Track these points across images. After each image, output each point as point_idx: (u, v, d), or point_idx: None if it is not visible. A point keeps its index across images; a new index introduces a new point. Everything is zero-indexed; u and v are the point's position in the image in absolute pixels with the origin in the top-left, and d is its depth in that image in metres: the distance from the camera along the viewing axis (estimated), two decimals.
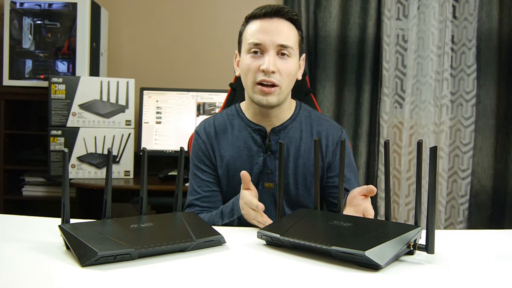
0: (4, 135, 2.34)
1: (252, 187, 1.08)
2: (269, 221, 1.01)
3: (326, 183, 1.27)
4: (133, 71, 2.60)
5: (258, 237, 0.89)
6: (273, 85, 1.16)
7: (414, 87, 2.56)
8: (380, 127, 2.53)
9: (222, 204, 1.24)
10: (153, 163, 2.12)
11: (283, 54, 1.16)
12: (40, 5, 2.31)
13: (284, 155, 1.23)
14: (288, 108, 1.28)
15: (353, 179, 1.28)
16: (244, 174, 1.06)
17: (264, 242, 0.90)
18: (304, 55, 1.27)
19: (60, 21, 2.31)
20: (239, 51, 1.25)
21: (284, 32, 1.16)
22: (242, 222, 1.09)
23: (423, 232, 0.81)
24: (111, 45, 2.60)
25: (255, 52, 1.17)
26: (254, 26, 1.18)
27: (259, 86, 1.16)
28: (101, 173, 2.24)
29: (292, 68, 1.18)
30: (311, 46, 2.53)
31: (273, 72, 1.14)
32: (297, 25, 1.21)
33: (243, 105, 1.31)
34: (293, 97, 1.34)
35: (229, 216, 1.13)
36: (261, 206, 1.01)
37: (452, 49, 2.54)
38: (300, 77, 1.26)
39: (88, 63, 2.31)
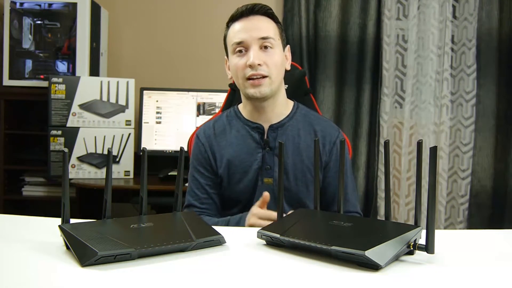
0: (4, 135, 2.34)
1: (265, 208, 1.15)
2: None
3: (321, 183, 1.29)
4: (133, 71, 2.60)
5: (258, 237, 0.89)
6: (263, 77, 1.20)
7: (414, 87, 2.56)
8: (380, 127, 2.53)
9: (220, 205, 1.30)
10: (153, 163, 2.11)
11: (266, 47, 1.21)
12: (40, 5, 2.31)
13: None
14: (285, 105, 1.31)
15: (349, 185, 1.30)
16: (265, 194, 1.13)
17: (264, 242, 0.90)
18: (288, 46, 1.32)
19: (60, 21, 2.31)
20: (227, 55, 1.30)
21: (263, 26, 1.22)
22: None
23: (423, 232, 0.81)
24: (111, 45, 2.60)
25: (240, 51, 1.22)
26: (234, 28, 1.25)
27: (250, 81, 1.21)
28: (101, 173, 2.24)
29: (277, 58, 1.23)
30: (311, 46, 2.53)
31: (259, 65, 1.19)
32: (274, 18, 1.26)
33: (240, 106, 1.35)
34: (292, 97, 1.37)
35: (238, 219, 1.18)
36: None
37: (452, 49, 2.54)
38: (288, 68, 1.31)
39: (88, 63, 2.31)
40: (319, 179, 0.98)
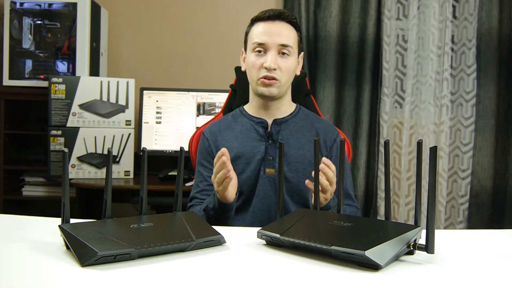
0: (4, 135, 2.33)
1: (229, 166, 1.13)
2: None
3: None
4: (133, 71, 2.60)
5: (258, 237, 0.90)
6: (274, 79, 1.28)
7: (414, 87, 2.56)
8: (380, 127, 2.53)
9: None
10: (153, 163, 2.12)
11: (283, 53, 1.29)
12: (40, 5, 2.31)
13: (284, 144, 1.27)
14: (289, 105, 1.38)
15: (348, 181, 1.34)
16: (222, 150, 1.12)
17: (264, 242, 0.90)
18: (302, 53, 1.39)
19: (60, 21, 2.31)
20: (245, 49, 1.37)
21: (285, 33, 1.29)
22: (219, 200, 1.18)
23: (423, 232, 0.81)
24: (111, 45, 2.60)
25: (259, 51, 1.29)
26: (258, 28, 1.31)
27: (262, 79, 1.28)
28: (101, 173, 2.24)
29: (291, 65, 1.31)
30: (311, 46, 2.53)
31: (274, 69, 1.27)
32: (296, 27, 1.34)
33: (246, 106, 1.41)
34: (293, 98, 1.41)
35: (212, 196, 1.21)
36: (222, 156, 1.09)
37: (452, 49, 2.54)
38: (298, 73, 1.39)
39: (88, 63, 2.31)
40: (319, 180, 0.97)
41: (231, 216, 1.22)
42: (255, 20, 1.34)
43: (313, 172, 0.98)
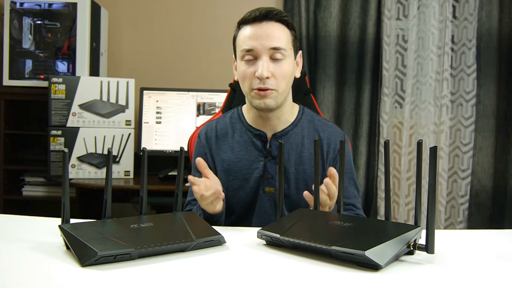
0: (4, 135, 2.33)
1: (211, 175, 1.09)
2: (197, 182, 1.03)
3: None
4: (133, 71, 2.60)
5: (258, 237, 0.90)
6: (269, 89, 1.16)
7: (414, 87, 2.56)
8: (380, 127, 2.53)
9: None
10: (153, 163, 2.12)
11: (276, 57, 1.15)
12: (40, 5, 2.31)
13: (285, 160, 1.23)
14: (290, 111, 1.27)
15: (351, 187, 1.27)
16: (198, 160, 1.07)
17: (264, 242, 0.90)
18: (300, 52, 1.26)
19: (60, 21, 2.31)
20: (235, 56, 1.25)
21: (275, 35, 1.15)
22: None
23: (423, 232, 0.81)
24: (111, 45, 2.60)
25: (249, 59, 1.16)
26: (245, 32, 1.18)
27: (256, 91, 1.16)
28: (101, 173, 2.24)
29: (287, 70, 1.17)
30: (311, 46, 2.53)
31: (267, 77, 1.14)
32: (288, 25, 1.19)
33: (244, 108, 1.31)
34: (293, 97, 1.34)
35: (197, 208, 1.17)
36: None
37: (452, 49, 2.54)
38: (298, 75, 1.26)
39: (88, 63, 2.30)
40: (319, 179, 0.97)
41: (221, 222, 1.16)
42: (241, 23, 1.20)
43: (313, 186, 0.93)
